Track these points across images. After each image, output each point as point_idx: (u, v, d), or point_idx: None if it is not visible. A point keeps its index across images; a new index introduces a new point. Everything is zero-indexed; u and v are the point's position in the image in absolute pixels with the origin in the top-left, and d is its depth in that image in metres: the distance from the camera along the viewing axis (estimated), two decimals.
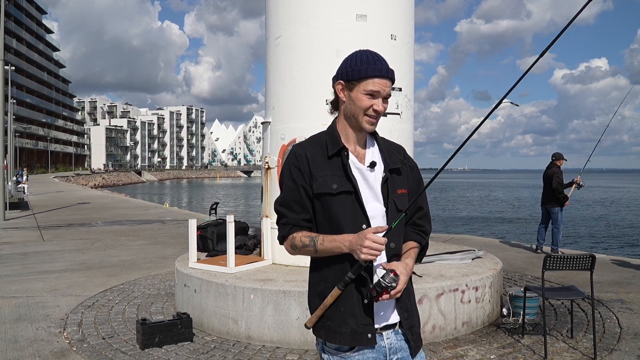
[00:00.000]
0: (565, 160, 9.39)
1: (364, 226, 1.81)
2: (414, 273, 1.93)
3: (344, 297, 1.82)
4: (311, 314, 1.90)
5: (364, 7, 5.18)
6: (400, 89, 5.40)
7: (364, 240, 1.70)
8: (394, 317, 1.87)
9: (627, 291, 6.28)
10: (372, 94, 1.81)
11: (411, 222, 1.96)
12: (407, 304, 1.89)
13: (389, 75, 1.83)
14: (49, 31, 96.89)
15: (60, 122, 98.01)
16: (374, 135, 1.94)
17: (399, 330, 1.89)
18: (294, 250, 1.88)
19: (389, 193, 1.86)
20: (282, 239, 1.93)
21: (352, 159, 1.87)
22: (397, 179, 1.89)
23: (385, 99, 1.84)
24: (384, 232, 1.73)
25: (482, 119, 1.83)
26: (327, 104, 1.97)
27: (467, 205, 41.76)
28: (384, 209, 1.85)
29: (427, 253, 5.76)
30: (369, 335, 1.81)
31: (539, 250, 9.24)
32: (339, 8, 5.18)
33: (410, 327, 1.88)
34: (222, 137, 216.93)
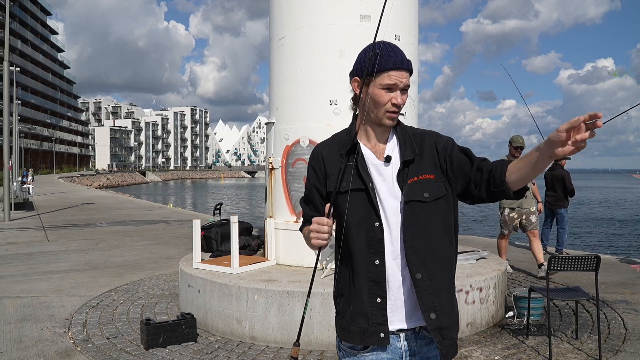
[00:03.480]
0: (568, 158, 9.39)
1: (377, 224, 1.75)
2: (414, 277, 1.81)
3: (354, 295, 1.79)
4: (335, 310, 1.91)
5: (368, 7, 5.17)
6: None
7: (310, 225, 1.71)
8: (412, 322, 1.77)
9: (632, 292, 6.25)
10: (390, 88, 1.75)
11: (497, 169, 1.69)
12: (433, 301, 1.74)
13: (405, 66, 1.77)
14: (54, 32, 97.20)
15: (64, 123, 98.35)
16: (396, 128, 1.87)
17: (423, 333, 1.79)
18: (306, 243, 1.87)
19: (402, 186, 1.79)
20: (300, 231, 1.96)
21: (368, 155, 1.82)
22: (411, 169, 1.79)
23: (404, 90, 1.78)
24: (328, 213, 1.72)
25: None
26: (330, 104, 1.96)
27: (471, 205, 41.64)
28: (399, 204, 1.78)
29: None
30: (382, 334, 1.74)
31: (544, 251, 9.21)
32: (343, 8, 5.18)
33: (438, 328, 1.73)
34: (226, 138, 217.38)
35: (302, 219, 1.98)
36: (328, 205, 1.74)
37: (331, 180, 1.83)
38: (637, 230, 24.40)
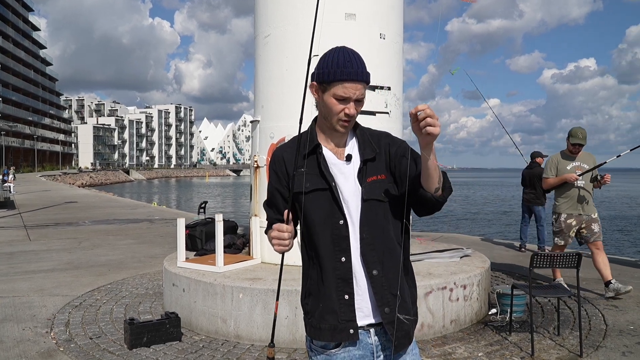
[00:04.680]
0: (546, 156, 9.56)
1: (341, 222, 1.79)
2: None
3: (323, 293, 1.82)
4: (302, 310, 1.92)
5: (353, 6, 5.18)
6: (389, 88, 5.42)
7: (271, 232, 1.75)
8: (378, 316, 1.82)
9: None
10: (343, 99, 1.77)
11: (416, 178, 1.76)
12: (387, 296, 1.80)
13: (359, 78, 1.75)
14: (36, 28, 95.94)
15: (47, 121, 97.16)
16: (354, 128, 1.91)
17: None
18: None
19: (362, 184, 1.82)
20: (266, 234, 1.98)
21: (329, 156, 1.85)
22: (370, 167, 1.84)
23: (359, 101, 1.79)
24: (287, 219, 1.76)
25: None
26: (315, 103, 1.96)
27: (455, 203, 41.98)
28: (360, 201, 1.82)
29: (416, 251, 5.79)
30: (351, 331, 1.79)
31: (523, 249, 9.32)
32: (328, 7, 5.18)
33: (391, 321, 1.79)
34: (211, 136, 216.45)
35: (267, 221, 2.00)
36: (287, 211, 1.77)
37: (294, 182, 1.85)
38: (617, 227, 24.76)
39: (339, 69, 1.75)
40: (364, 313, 1.82)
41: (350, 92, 1.75)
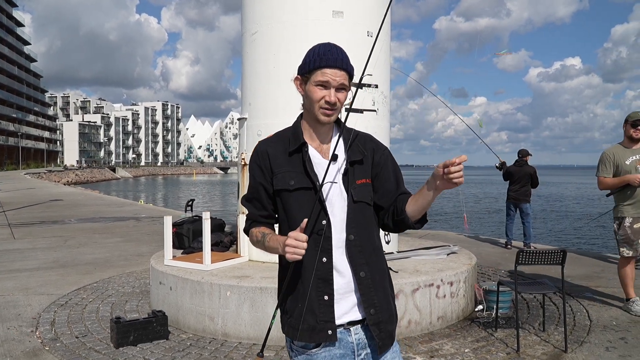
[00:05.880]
0: (531, 155, 9.68)
1: (324, 222, 1.79)
2: (390, 269, 1.92)
3: (302, 293, 1.82)
4: (280, 310, 1.93)
5: (341, 3, 5.18)
6: (376, 86, 5.43)
7: (286, 239, 1.69)
8: (359, 313, 1.84)
9: (596, 285, 6.42)
10: (323, 85, 1.78)
11: (401, 200, 1.83)
12: (373, 298, 1.83)
13: (338, 64, 1.78)
14: (20, 24, 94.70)
15: (31, 118, 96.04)
16: (339, 128, 1.91)
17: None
18: (253, 243, 1.95)
19: (349, 185, 1.83)
20: (245, 232, 2.00)
21: (314, 155, 1.85)
22: (357, 169, 1.85)
23: (340, 90, 1.80)
24: (306, 228, 1.71)
25: None
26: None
27: (442, 201, 42.18)
28: (345, 202, 1.83)
29: (403, 249, 5.82)
30: (329, 332, 1.79)
31: (509, 246, 9.41)
32: (316, 4, 5.18)
33: (376, 322, 1.82)
34: (198, 134, 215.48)
35: (247, 218, 1.98)
36: (305, 220, 1.70)
37: (278, 179, 1.85)
38: (601, 224, 25.05)
39: (318, 57, 1.80)
40: (344, 312, 1.82)
41: (329, 77, 1.78)
